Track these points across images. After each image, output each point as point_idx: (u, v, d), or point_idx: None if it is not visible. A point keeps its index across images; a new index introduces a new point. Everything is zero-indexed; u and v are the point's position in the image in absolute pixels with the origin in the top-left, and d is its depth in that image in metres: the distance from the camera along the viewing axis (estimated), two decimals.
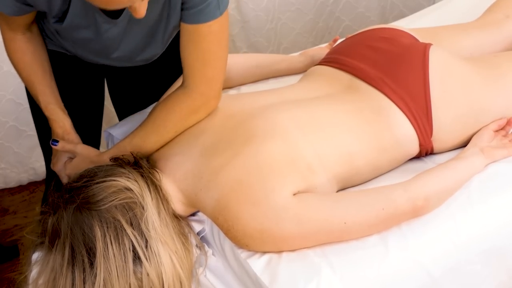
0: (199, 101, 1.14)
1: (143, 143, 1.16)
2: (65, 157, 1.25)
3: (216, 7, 1.04)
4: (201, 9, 1.04)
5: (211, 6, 1.03)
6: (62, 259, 0.97)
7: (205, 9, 1.04)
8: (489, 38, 1.43)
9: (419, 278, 1.04)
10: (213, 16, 1.05)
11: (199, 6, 1.04)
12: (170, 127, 1.16)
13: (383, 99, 1.21)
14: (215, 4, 1.03)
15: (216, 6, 1.04)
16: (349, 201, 1.06)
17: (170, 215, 1.06)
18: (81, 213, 0.98)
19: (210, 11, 1.04)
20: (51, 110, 1.26)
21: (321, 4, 2.44)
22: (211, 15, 1.04)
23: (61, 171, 1.26)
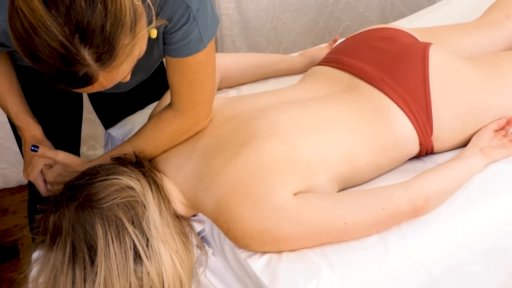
0: (189, 124, 1.14)
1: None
2: (41, 165, 1.20)
3: (198, 41, 1.01)
4: (183, 45, 1.01)
5: (193, 41, 1.01)
6: (63, 257, 0.97)
7: (187, 44, 1.01)
8: (489, 38, 1.43)
9: (419, 278, 1.04)
10: (196, 50, 1.02)
11: (181, 42, 1.01)
12: (161, 146, 1.16)
13: (383, 99, 1.21)
14: (197, 39, 1.01)
15: (199, 40, 1.01)
16: (349, 201, 1.06)
17: (171, 214, 1.06)
18: (83, 211, 0.98)
19: (193, 45, 1.02)
20: (21, 119, 1.23)
21: (321, 4, 2.44)
22: (194, 49, 1.02)
23: (37, 179, 1.21)
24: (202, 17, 0.99)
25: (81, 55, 0.78)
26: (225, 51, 2.31)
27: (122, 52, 0.82)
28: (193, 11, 0.97)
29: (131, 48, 0.84)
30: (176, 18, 0.98)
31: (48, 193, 1.21)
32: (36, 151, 1.19)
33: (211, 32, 1.03)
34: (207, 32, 1.02)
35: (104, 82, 0.85)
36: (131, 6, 0.81)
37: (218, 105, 1.21)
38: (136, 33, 0.83)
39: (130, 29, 0.82)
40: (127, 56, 0.84)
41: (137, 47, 0.85)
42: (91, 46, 0.79)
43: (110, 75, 0.84)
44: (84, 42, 0.78)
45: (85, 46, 0.78)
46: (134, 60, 0.87)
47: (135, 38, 0.84)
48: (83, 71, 0.80)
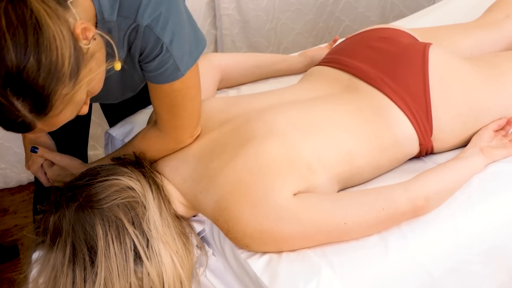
0: (173, 144, 1.14)
1: None
2: (41, 160, 1.24)
3: (174, 70, 0.99)
4: (159, 73, 1.00)
5: (168, 71, 0.99)
6: (63, 257, 0.97)
7: (162, 73, 1.00)
8: (489, 38, 1.43)
9: (419, 278, 1.04)
10: (173, 78, 1.01)
11: (156, 71, 1.00)
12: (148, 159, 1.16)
13: (383, 99, 1.21)
14: (173, 68, 0.99)
15: (175, 69, 0.99)
16: (349, 201, 1.06)
17: (171, 215, 1.07)
18: (83, 212, 0.98)
19: (169, 74, 1.00)
20: None
21: (321, 4, 2.44)
22: (171, 77, 1.00)
23: (38, 172, 1.25)
24: (178, 48, 0.97)
25: (15, 107, 0.78)
26: (225, 51, 2.31)
27: (60, 102, 0.81)
28: (165, 43, 0.95)
29: (72, 96, 0.82)
30: (148, 50, 0.97)
31: (50, 184, 1.25)
32: (35, 152, 1.22)
33: (191, 60, 1.01)
34: (184, 61, 1.00)
35: (45, 128, 0.85)
36: (72, 54, 0.80)
37: (216, 107, 1.21)
38: (78, 80, 0.82)
39: (70, 78, 0.80)
40: (67, 104, 0.83)
41: (81, 93, 0.84)
42: (24, 99, 0.78)
43: (50, 122, 0.83)
44: (16, 95, 0.77)
45: (18, 99, 0.77)
46: (78, 104, 0.86)
47: (77, 86, 0.82)
48: (19, 120, 0.80)
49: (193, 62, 1.02)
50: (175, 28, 0.96)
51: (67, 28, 0.79)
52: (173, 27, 0.95)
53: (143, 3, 0.92)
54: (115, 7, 0.91)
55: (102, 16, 0.91)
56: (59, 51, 0.78)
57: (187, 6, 1.04)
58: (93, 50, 0.84)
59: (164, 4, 0.93)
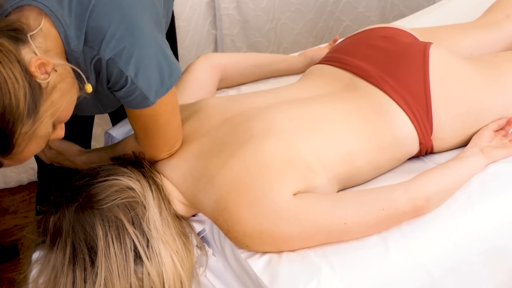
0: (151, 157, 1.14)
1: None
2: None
3: (143, 99, 0.99)
4: (128, 101, 1.00)
5: (137, 100, 0.99)
6: (63, 257, 0.97)
7: (132, 101, 1.00)
8: (489, 38, 1.43)
9: (419, 278, 1.04)
10: (143, 106, 1.00)
11: (125, 99, 1.00)
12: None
13: (383, 97, 1.21)
14: (141, 98, 0.98)
15: (143, 99, 0.98)
16: (349, 201, 1.06)
17: (171, 215, 1.06)
18: (83, 212, 0.98)
19: (138, 102, 1.00)
20: None
21: (321, 4, 2.44)
22: (140, 105, 1.00)
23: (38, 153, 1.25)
24: (144, 80, 0.96)
25: None
26: (225, 51, 2.31)
27: (21, 140, 0.82)
28: (129, 76, 0.95)
29: (34, 132, 0.83)
30: (112, 81, 0.97)
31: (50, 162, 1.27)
32: None
33: (162, 89, 1.00)
34: (153, 91, 0.99)
35: (14, 163, 0.86)
36: (28, 93, 0.80)
37: (215, 105, 1.21)
38: (38, 116, 0.83)
39: (28, 116, 0.81)
40: (30, 140, 0.83)
41: (44, 126, 0.85)
42: None
43: (16, 158, 0.84)
44: None
45: None
46: (44, 136, 0.86)
47: (38, 122, 0.83)
48: None
49: (164, 91, 1.01)
50: (140, 62, 0.95)
51: (20, 69, 0.80)
52: (137, 61, 0.95)
53: (107, 37, 0.92)
54: (81, 38, 0.92)
55: (69, 46, 0.91)
56: (12, 94, 0.79)
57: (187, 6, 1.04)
58: (54, 82, 0.86)
59: (127, 39, 0.93)
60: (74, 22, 0.91)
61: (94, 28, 0.92)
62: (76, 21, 0.91)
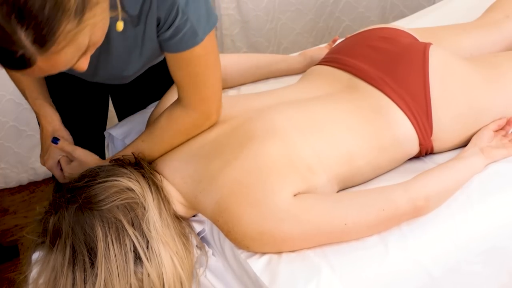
0: (200, 120, 1.13)
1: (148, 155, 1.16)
2: (58, 156, 1.23)
3: (193, 35, 1.00)
4: (177, 40, 1.00)
5: (187, 36, 1.00)
6: (63, 258, 0.97)
7: (181, 39, 1.00)
8: (489, 38, 1.43)
9: (419, 278, 1.04)
10: (192, 44, 1.01)
11: (174, 38, 1.00)
12: (175, 143, 1.16)
13: (383, 98, 1.21)
14: (191, 33, 0.99)
15: (193, 34, 1.00)
16: (349, 202, 1.06)
17: (171, 215, 1.06)
18: (83, 213, 0.98)
19: (188, 39, 1.00)
20: (39, 105, 1.25)
21: (321, 4, 2.44)
22: (190, 43, 1.01)
23: (53, 168, 1.24)
24: (194, 10, 0.98)
25: (17, 36, 0.76)
26: (225, 51, 2.31)
27: (63, 38, 0.80)
28: (180, 6, 0.96)
29: (75, 35, 0.81)
30: (164, 15, 0.97)
31: (65, 181, 1.23)
32: (56, 143, 1.21)
33: (208, 25, 1.02)
34: (201, 25, 1.00)
35: (44, 67, 0.83)
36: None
37: None
38: (83, 20, 0.81)
39: (75, 14, 0.79)
40: (69, 42, 0.81)
41: (83, 34, 0.83)
42: (28, 28, 0.76)
43: (50, 60, 0.82)
44: (21, 22, 0.76)
45: (22, 27, 0.76)
46: (80, 48, 0.84)
47: (81, 25, 0.81)
48: (20, 53, 0.78)
49: (210, 28, 1.02)
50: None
51: None
52: None
53: None
54: None
55: None
56: None
57: None
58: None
59: None
60: None
61: None
62: None
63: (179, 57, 1.04)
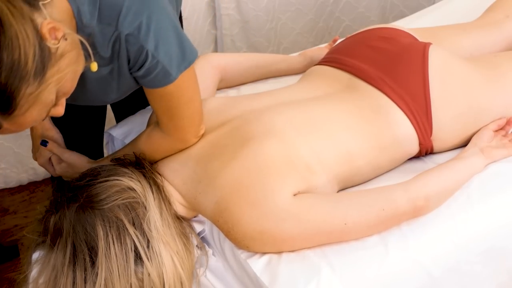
0: (179, 144, 1.13)
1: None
2: (48, 154, 1.26)
3: (165, 75, 0.98)
4: (149, 79, 0.99)
5: (158, 76, 0.98)
6: (64, 257, 0.97)
7: (153, 79, 0.99)
8: (489, 38, 1.43)
9: (419, 278, 1.04)
10: (165, 83, 1.00)
11: (146, 77, 0.99)
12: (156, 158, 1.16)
13: (383, 98, 1.21)
14: (163, 73, 0.98)
15: (166, 74, 0.98)
16: (349, 201, 1.06)
17: (172, 215, 1.06)
18: (84, 212, 0.98)
19: (161, 79, 0.99)
20: None
21: (321, 4, 2.44)
22: (162, 82, 1.00)
23: (45, 164, 1.28)
24: (164, 53, 0.96)
25: None
26: (225, 51, 2.31)
27: (24, 101, 0.81)
28: (149, 50, 0.95)
29: (38, 95, 0.82)
30: (133, 58, 0.96)
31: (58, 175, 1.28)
32: (45, 146, 1.24)
33: (183, 64, 1.00)
34: (174, 65, 0.98)
35: (12, 128, 0.84)
36: (37, 53, 0.79)
37: (214, 109, 1.21)
38: (45, 79, 0.82)
39: (35, 76, 0.80)
40: (33, 103, 0.82)
41: (48, 92, 0.84)
42: None
43: (16, 122, 0.83)
44: None
45: None
46: (46, 104, 0.85)
47: (43, 84, 0.82)
48: None
49: (186, 65, 1.00)
50: (159, 34, 0.95)
51: (32, 27, 0.79)
52: (156, 33, 0.94)
53: (123, 11, 0.91)
54: (95, 14, 0.91)
55: (82, 21, 0.91)
56: (22, 50, 0.77)
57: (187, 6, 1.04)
58: (63, 50, 0.84)
59: (144, 11, 0.93)
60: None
61: (109, 3, 0.91)
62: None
63: (152, 92, 1.03)
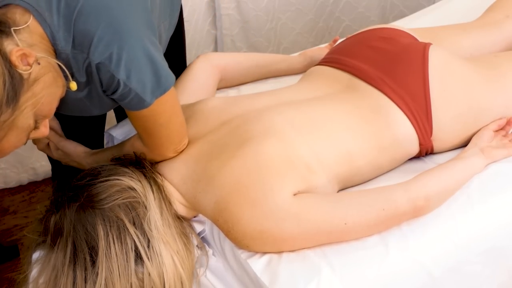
0: (158, 157, 1.14)
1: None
2: (47, 140, 1.28)
3: (138, 101, 0.98)
4: (124, 103, 1.00)
5: (133, 102, 0.99)
6: (64, 257, 0.97)
7: (128, 103, 1.00)
8: (489, 38, 1.43)
9: (419, 278, 1.04)
10: (139, 108, 1.00)
11: (121, 101, 1.00)
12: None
13: (383, 98, 1.21)
14: (137, 99, 0.98)
15: (139, 100, 0.98)
16: (349, 201, 1.06)
17: (172, 215, 1.06)
18: (84, 212, 0.98)
19: (135, 104, 1.00)
20: None
21: (321, 4, 2.44)
22: (137, 107, 1.00)
23: (45, 149, 1.30)
24: (137, 81, 0.96)
25: None
26: (225, 51, 2.31)
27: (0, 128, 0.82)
28: (121, 79, 0.95)
29: (13, 121, 0.83)
30: (105, 85, 0.97)
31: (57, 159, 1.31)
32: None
33: (158, 90, 0.99)
34: (147, 92, 0.98)
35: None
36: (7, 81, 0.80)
37: (214, 108, 1.21)
38: (19, 105, 0.83)
39: (7, 103, 0.81)
40: (9, 129, 0.83)
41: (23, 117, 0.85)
42: None
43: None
44: None
45: None
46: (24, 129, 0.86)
47: (18, 110, 0.83)
48: None
49: (162, 92, 1.00)
50: (131, 64, 0.94)
51: (0, 56, 0.80)
52: (128, 63, 0.94)
53: (94, 40, 0.91)
54: (69, 40, 0.92)
55: (57, 46, 0.92)
56: None
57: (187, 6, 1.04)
58: (36, 74, 0.86)
59: (116, 42, 0.92)
60: (63, 24, 0.91)
61: (82, 32, 0.91)
62: (64, 23, 0.91)
63: (130, 112, 1.03)
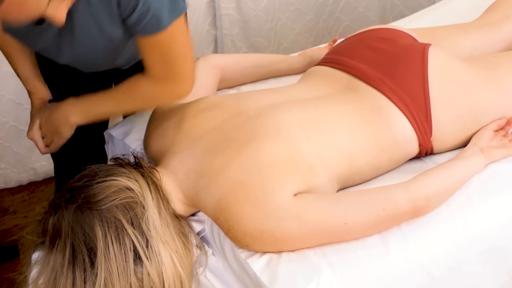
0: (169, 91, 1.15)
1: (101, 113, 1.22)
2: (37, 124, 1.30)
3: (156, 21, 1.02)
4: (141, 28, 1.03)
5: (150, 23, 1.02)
6: (63, 258, 0.97)
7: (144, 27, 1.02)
8: (488, 38, 1.43)
9: (419, 278, 1.04)
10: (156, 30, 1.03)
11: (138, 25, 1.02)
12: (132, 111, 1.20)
13: (382, 99, 1.21)
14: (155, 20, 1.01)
15: (157, 21, 1.02)
16: (349, 201, 1.06)
17: (170, 214, 1.06)
18: (82, 213, 0.98)
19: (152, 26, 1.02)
20: (30, 83, 1.33)
21: (321, 4, 2.44)
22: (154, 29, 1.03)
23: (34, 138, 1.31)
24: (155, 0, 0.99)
25: None
26: (225, 51, 2.31)
27: None
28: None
29: None
30: (124, 3, 0.99)
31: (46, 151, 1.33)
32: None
33: (174, 13, 1.03)
34: (165, 12, 1.01)
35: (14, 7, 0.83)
36: None
37: (227, 98, 1.21)
38: None
39: None
40: None
41: None
42: None
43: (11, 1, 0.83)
44: None
45: None
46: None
47: None
48: None
49: (178, 14, 1.03)
50: None
51: None
52: None
53: None
54: None
55: None
56: None
57: (187, 6, 1.05)
58: None
59: None
60: None
61: None
62: None
63: (144, 41, 1.06)
